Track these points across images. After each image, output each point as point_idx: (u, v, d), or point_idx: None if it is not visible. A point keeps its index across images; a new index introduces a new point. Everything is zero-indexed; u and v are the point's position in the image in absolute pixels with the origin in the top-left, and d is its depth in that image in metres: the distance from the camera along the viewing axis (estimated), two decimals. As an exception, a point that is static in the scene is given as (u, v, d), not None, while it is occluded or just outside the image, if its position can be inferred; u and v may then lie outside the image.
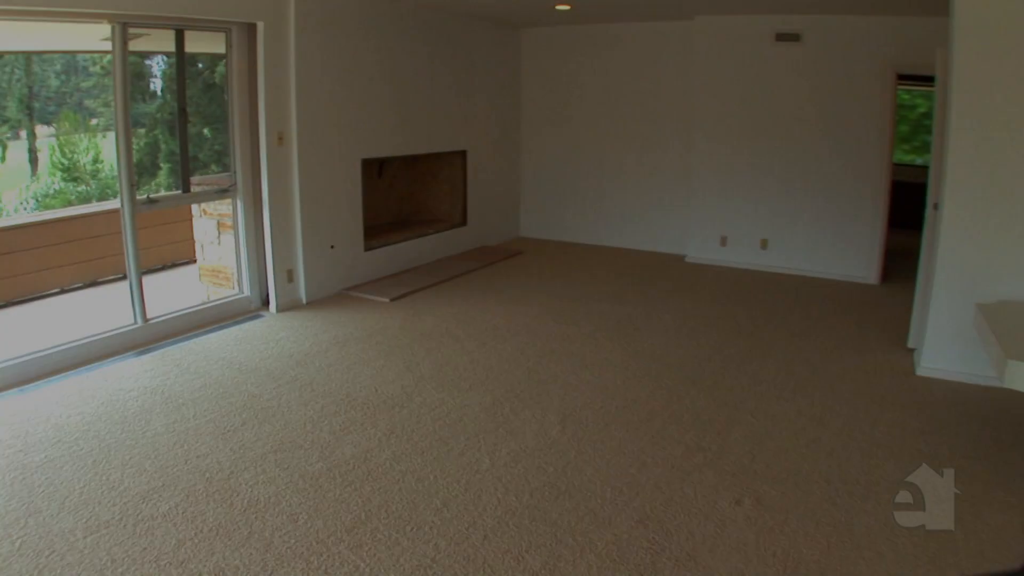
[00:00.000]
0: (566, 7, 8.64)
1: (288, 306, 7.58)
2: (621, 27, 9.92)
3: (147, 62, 8.90)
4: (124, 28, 6.25)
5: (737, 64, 9.05)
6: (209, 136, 8.07)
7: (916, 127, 12.97)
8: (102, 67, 18.92)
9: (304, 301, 7.72)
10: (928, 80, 7.71)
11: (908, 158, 12.90)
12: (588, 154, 10.55)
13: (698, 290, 8.33)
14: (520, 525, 3.76)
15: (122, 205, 6.54)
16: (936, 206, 5.80)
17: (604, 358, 6.16)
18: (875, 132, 8.41)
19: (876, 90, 8.33)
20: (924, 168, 9.37)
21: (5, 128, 18.68)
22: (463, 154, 10.02)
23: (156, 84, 12.10)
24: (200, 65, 7.87)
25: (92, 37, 7.35)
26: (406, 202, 10.49)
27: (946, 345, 5.75)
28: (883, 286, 8.58)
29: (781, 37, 8.65)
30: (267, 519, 3.83)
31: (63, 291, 9.09)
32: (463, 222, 10.21)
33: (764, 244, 9.20)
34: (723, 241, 9.42)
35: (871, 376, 5.85)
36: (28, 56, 17.82)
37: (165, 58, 8.91)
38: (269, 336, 6.78)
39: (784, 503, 3.97)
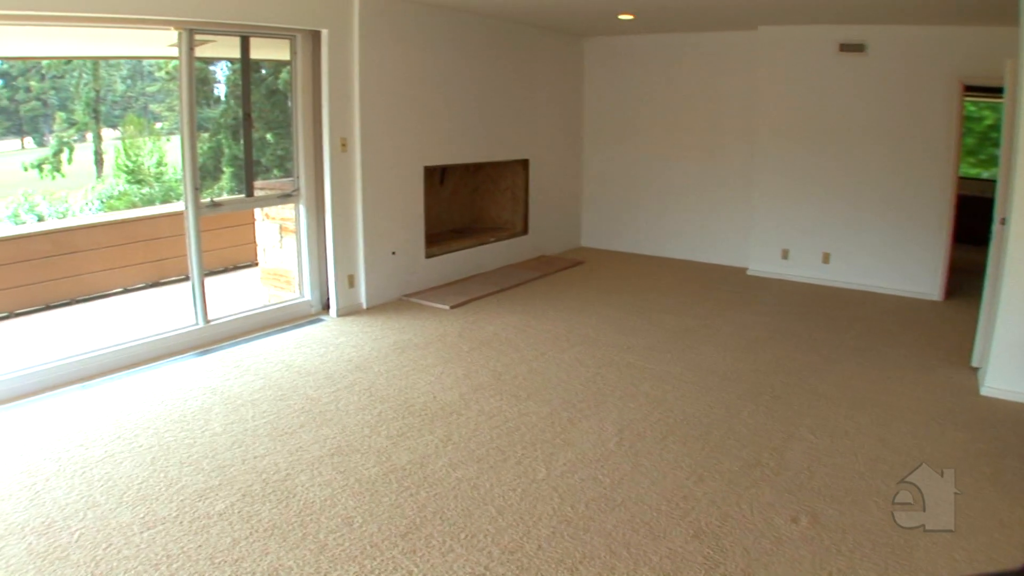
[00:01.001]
0: (629, 17, 8.64)
1: (348, 311, 7.67)
2: (684, 37, 9.89)
3: (211, 68, 9.08)
4: (191, 35, 6.42)
5: (800, 75, 8.96)
6: (272, 141, 8.21)
7: (983, 140, 12.73)
8: (167, 72, 19.36)
9: (364, 306, 7.80)
10: (996, 91, 7.56)
11: (974, 171, 12.67)
12: (650, 164, 10.53)
13: (759, 303, 8.26)
14: (575, 536, 3.76)
15: (186, 208, 6.68)
16: (1003, 221, 5.67)
17: (663, 370, 6.14)
18: (940, 144, 8.25)
19: (942, 101, 8.18)
20: (991, 182, 9.21)
21: (72, 131, 19.22)
22: (525, 163, 10.05)
23: (220, 89, 12.34)
24: (263, 71, 8.01)
25: (159, 43, 7.52)
26: (468, 210, 10.56)
27: (1012, 364, 5.60)
28: (947, 303, 8.42)
29: (845, 48, 8.55)
30: (322, 521, 3.88)
31: (126, 291, 9.30)
32: (524, 231, 10.24)
33: (826, 258, 9.09)
34: (784, 254, 9.33)
35: (933, 395, 5.74)
36: (96, 61, 18.32)
37: (229, 64, 9.08)
38: (329, 340, 6.86)
39: (841, 522, 3.91)
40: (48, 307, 8.58)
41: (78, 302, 8.82)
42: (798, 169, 9.12)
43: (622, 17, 8.67)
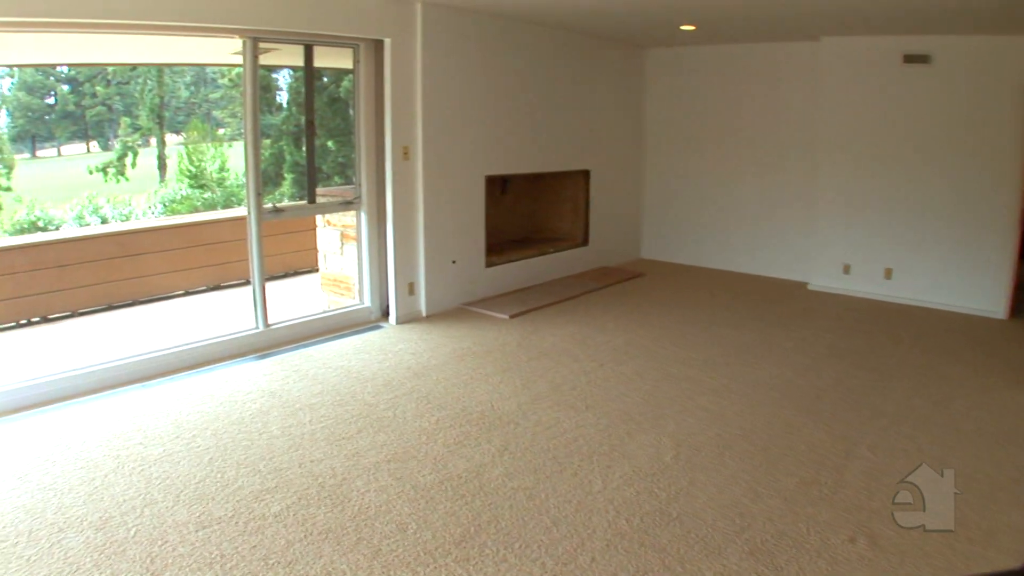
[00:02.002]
0: (691, 27, 8.62)
1: (408, 318, 7.74)
2: (746, 48, 9.83)
3: (274, 75, 9.23)
4: (255, 43, 6.56)
5: (863, 86, 8.82)
6: (333, 148, 8.33)
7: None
8: (230, 79, 19.73)
9: (424, 314, 7.87)
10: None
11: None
12: (711, 176, 10.48)
13: (819, 319, 8.16)
14: (629, 549, 3.74)
15: (249, 213, 6.81)
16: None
17: (722, 384, 6.10)
18: (1007, 158, 8.06)
19: (1009, 113, 7.99)
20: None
21: (137, 136, 19.65)
22: (586, 174, 10.06)
23: (282, 97, 12.54)
24: (325, 79, 8.14)
25: (222, 51, 7.69)
26: (528, 220, 10.59)
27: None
28: (1012, 321, 8.20)
29: (909, 59, 8.41)
30: (376, 527, 3.92)
31: (188, 293, 9.47)
32: (584, 242, 10.23)
33: (888, 273, 8.95)
34: (846, 269, 9.21)
35: (996, 416, 5.59)
36: (160, 68, 18.70)
37: (291, 72, 9.22)
38: (388, 347, 6.93)
39: (900, 545, 3.83)
40: (111, 307, 8.78)
41: (140, 303, 9.02)
42: (860, 182, 8.99)
43: (684, 28, 8.65)
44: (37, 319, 8.33)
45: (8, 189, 17.20)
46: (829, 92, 9.07)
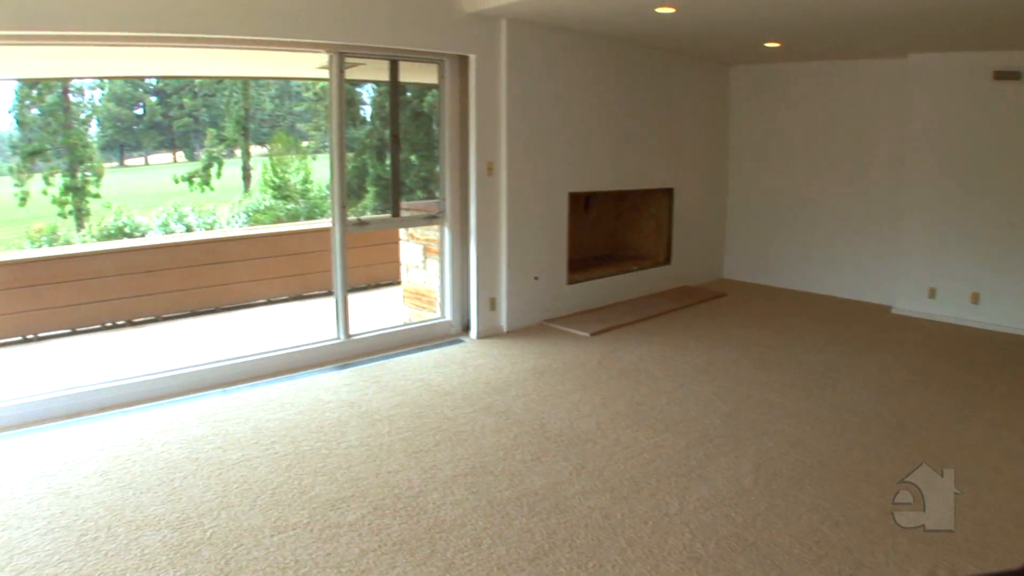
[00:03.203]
0: (775, 45, 8.55)
1: (488, 333, 7.80)
2: (831, 65, 9.68)
3: (357, 89, 9.39)
4: (341, 58, 6.73)
5: (951, 104, 8.60)
6: (416, 163, 8.44)
7: None
8: (314, 93, 20.10)
9: (504, 329, 7.92)
10: None
11: None
12: (794, 196, 10.34)
13: (903, 343, 7.98)
14: (703, 574, 3.70)
15: (333, 225, 6.95)
16: None
17: (802, 408, 6.01)
18: None
19: None
20: None
21: (222, 146, 20.11)
22: (670, 192, 10.02)
23: (366, 111, 12.73)
24: (408, 93, 8.26)
25: (307, 65, 7.87)
26: (611, 237, 10.59)
27: None
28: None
29: (1000, 75, 8.20)
30: (451, 540, 3.94)
31: (270, 302, 9.67)
32: (667, 260, 10.20)
33: (975, 298, 8.72)
34: (931, 293, 9.01)
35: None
36: (246, 81, 19.14)
37: (375, 86, 9.35)
38: (468, 361, 6.99)
39: (981, 581, 3.78)
40: (195, 313, 9.00)
41: (224, 310, 9.24)
42: (948, 204, 8.78)
43: (769, 45, 8.59)
44: (122, 322, 8.58)
45: (97, 196, 17.75)
46: (916, 110, 8.90)
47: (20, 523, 4.09)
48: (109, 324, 8.55)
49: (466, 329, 7.87)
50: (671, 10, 6.72)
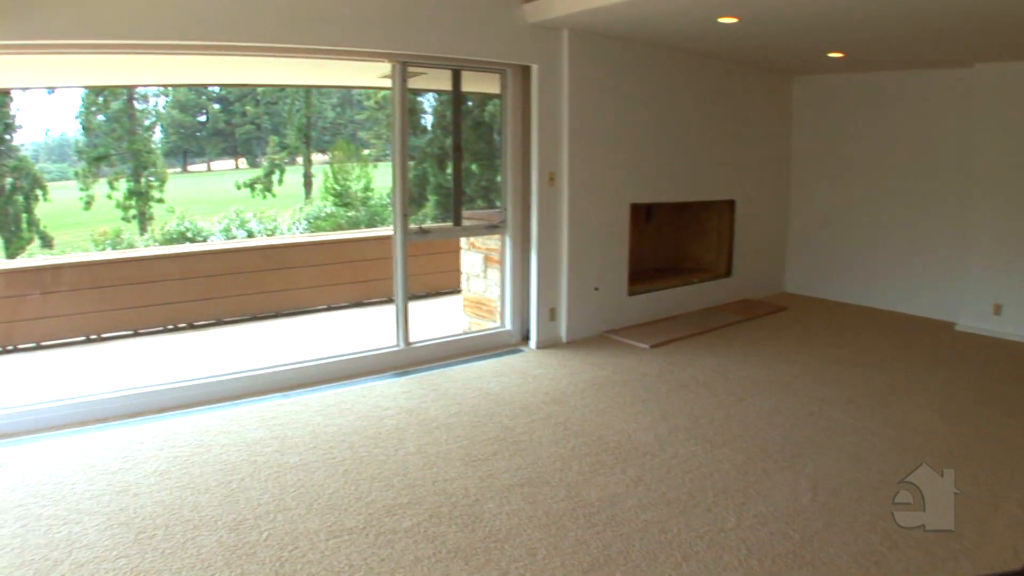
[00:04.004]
0: (838, 55, 8.47)
1: (548, 343, 7.81)
2: (896, 76, 9.53)
3: (419, 98, 9.48)
4: (404, 67, 6.82)
5: (1020, 115, 8.44)
6: (476, 172, 8.51)
7: None
8: (375, 102, 20.33)
9: (564, 340, 7.92)
10: None
11: None
12: (857, 209, 10.19)
13: (967, 361, 7.82)
14: (762, 591, 3.73)
15: (395, 233, 7.04)
16: None
17: (863, 426, 5.92)
18: None
19: None
20: None
21: (284, 154, 20.41)
22: (731, 204, 9.97)
23: (426, 120, 12.84)
24: (469, 103, 8.32)
25: (369, 74, 7.98)
26: (672, 249, 10.56)
27: None
28: None
29: None
30: (506, 549, 3.96)
31: (330, 308, 9.79)
32: (727, 273, 10.14)
33: None
34: (996, 309, 8.83)
35: None
36: (308, 89, 19.44)
37: (435, 95, 9.44)
38: (527, 371, 7.01)
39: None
40: (255, 318, 9.14)
41: (284, 315, 9.37)
42: (1016, 218, 8.55)
43: (832, 55, 8.50)
44: (184, 325, 8.75)
45: (161, 201, 18.13)
46: (982, 121, 8.75)
47: (80, 518, 4.22)
48: (171, 327, 8.72)
49: (526, 339, 7.91)
50: (733, 20, 6.71)
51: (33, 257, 15.51)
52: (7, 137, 16.55)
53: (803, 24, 6.97)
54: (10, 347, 8.03)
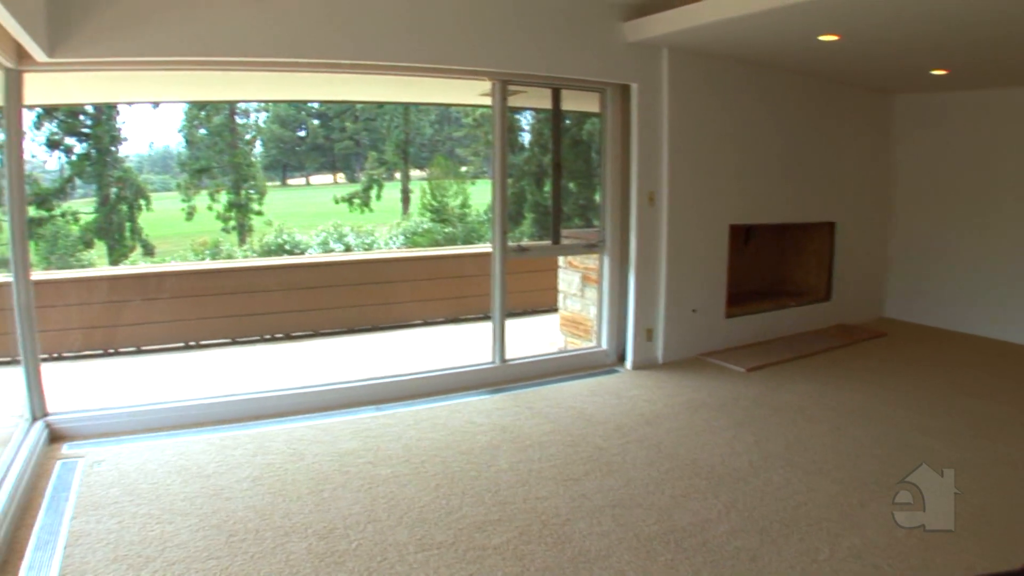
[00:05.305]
0: (942, 72, 8.29)
1: (643, 364, 7.81)
2: (1003, 94, 9.23)
3: (516, 116, 9.57)
4: (504, 85, 6.94)
5: None
6: (573, 190, 8.57)
7: None
8: (473, 119, 20.59)
9: (660, 361, 7.91)
10: None
11: None
12: (964, 233, 9.87)
13: None
14: (852, 626, 3.69)
15: (493, 250, 7.15)
16: None
17: (963, 458, 5.73)
18: None
19: None
20: None
21: (382, 169, 20.76)
22: (831, 226, 9.84)
23: (524, 137, 12.96)
24: (567, 121, 8.40)
25: (468, 91, 8.09)
26: (770, 271, 10.45)
27: None
28: None
29: None
30: (594, 571, 3.97)
31: (426, 323, 9.93)
32: (826, 297, 9.99)
33: None
34: None
35: None
36: (406, 106, 19.81)
37: (532, 113, 9.52)
38: (622, 392, 7.02)
39: None
40: (351, 331, 9.32)
41: (380, 329, 9.53)
42: None
43: (935, 72, 8.33)
44: (281, 335, 8.96)
45: (259, 213, 18.60)
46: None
47: (174, 519, 4.38)
48: (268, 336, 8.94)
49: (621, 359, 7.91)
50: (834, 37, 6.66)
51: (135, 264, 16.03)
52: (113, 149, 17.18)
53: (907, 41, 6.88)
54: (111, 350, 8.34)
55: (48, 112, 15.97)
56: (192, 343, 8.63)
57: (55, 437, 5.57)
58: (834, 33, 6.54)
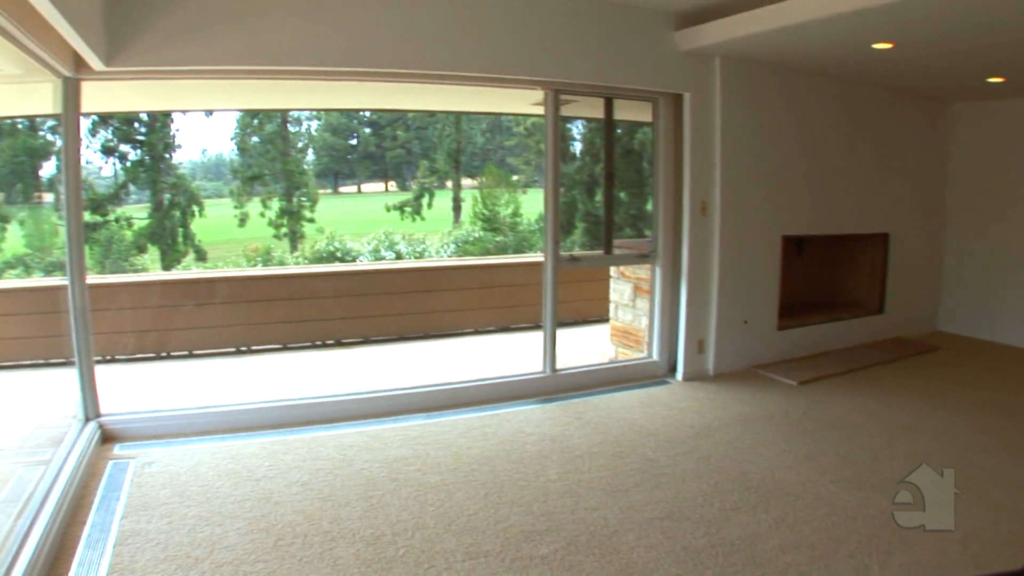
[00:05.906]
0: (999, 80, 8.18)
1: (694, 376, 7.78)
2: None
3: (568, 126, 9.60)
4: (556, 95, 6.97)
5: None
6: (625, 200, 8.58)
7: None
8: (524, 128, 20.69)
9: (711, 373, 7.88)
10: None
11: None
12: (1021, 245, 9.69)
13: None
14: (903, 645, 3.66)
15: (545, 259, 7.18)
16: None
17: (1019, 477, 5.60)
18: None
19: None
20: None
21: (433, 178, 20.94)
22: (885, 237, 9.72)
23: (576, 147, 13.01)
24: (619, 131, 8.40)
25: (520, 101, 8.14)
26: (822, 283, 10.36)
27: None
28: None
29: None
30: (642, 583, 4.00)
31: (477, 332, 9.97)
32: (879, 309, 9.87)
33: None
34: None
35: None
36: (458, 115, 19.98)
37: (584, 122, 9.54)
38: (672, 403, 7.00)
39: None
40: (402, 338, 9.39)
41: (431, 337, 9.60)
42: None
43: (991, 80, 8.23)
44: (332, 342, 9.06)
45: (311, 220, 18.82)
46: None
47: (223, 521, 4.47)
48: (319, 343, 9.04)
49: (672, 370, 7.89)
50: (888, 45, 6.62)
51: (188, 269, 16.27)
52: (167, 155, 17.47)
53: (963, 49, 6.82)
54: (164, 354, 8.48)
55: (103, 119, 16.29)
56: (243, 348, 8.75)
57: (107, 438, 5.70)
58: (888, 41, 6.50)
